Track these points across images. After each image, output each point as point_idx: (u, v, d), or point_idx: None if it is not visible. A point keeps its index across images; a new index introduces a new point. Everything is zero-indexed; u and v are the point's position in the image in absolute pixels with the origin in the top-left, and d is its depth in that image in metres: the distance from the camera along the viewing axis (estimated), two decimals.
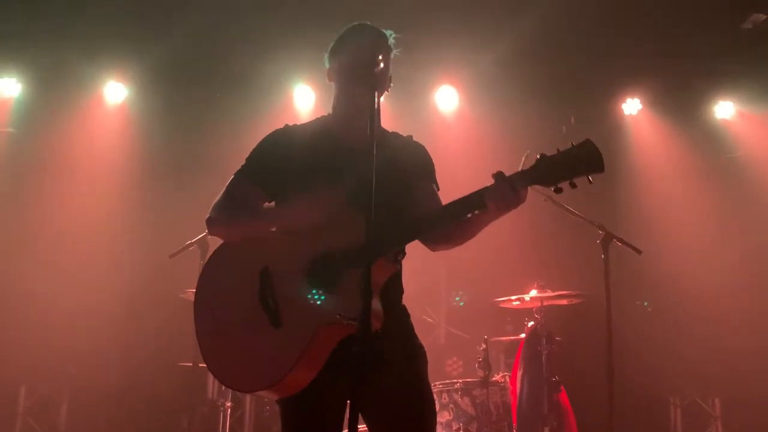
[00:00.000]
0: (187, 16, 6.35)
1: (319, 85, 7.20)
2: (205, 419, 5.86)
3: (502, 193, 2.26)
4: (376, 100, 2.28)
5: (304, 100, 7.30)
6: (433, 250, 2.70)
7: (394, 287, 2.59)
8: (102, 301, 6.53)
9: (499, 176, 2.30)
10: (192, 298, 2.67)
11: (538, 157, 2.28)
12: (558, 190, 2.26)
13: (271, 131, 2.72)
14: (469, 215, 2.38)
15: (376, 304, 2.36)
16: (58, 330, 6.44)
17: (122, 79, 7.19)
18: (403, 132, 2.81)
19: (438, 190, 2.75)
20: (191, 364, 5.35)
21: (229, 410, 5.56)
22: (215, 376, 2.57)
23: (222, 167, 2.85)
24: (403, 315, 2.65)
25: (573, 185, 2.25)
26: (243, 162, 2.70)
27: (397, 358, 2.51)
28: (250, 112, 6.94)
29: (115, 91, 7.22)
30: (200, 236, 5.05)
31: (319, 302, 2.34)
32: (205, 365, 2.56)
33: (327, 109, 2.81)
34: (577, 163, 2.22)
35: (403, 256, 2.48)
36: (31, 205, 6.93)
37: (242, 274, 2.49)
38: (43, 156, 7.04)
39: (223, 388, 5.64)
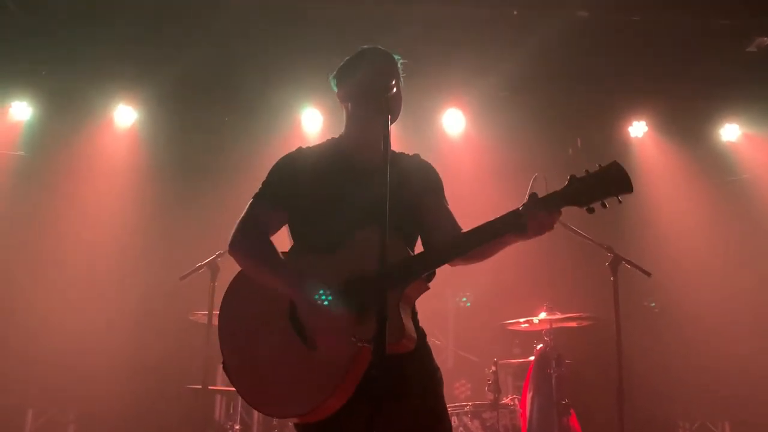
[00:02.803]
0: (196, 39, 6.41)
1: (327, 108, 7.24)
2: None
3: (540, 216, 2.29)
4: (389, 125, 2.30)
5: (312, 123, 7.34)
6: (452, 265, 2.65)
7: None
8: (110, 322, 6.54)
9: (533, 197, 2.31)
10: (202, 320, 2.66)
11: (569, 178, 2.32)
12: (590, 210, 2.30)
13: (283, 155, 2.73)
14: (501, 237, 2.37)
15: (410, 324, 2.37)
16: (66, 352, 6.45)
17: (132, 102, 7.23)
18: (410, 152, 2.83)
19: (448, 205, 2.76)
20: (200, 387, 5.34)
21: None
22: (247, 402, 2.50)
23: (231, 190, 2.86)
24: (421, 336, 2.63)
25: (604, 205, 2.30)
26: (258, 185, 2.70)
27: (419, 379, 2.51)
28: (258, 135, 6.99)
29: (124, 114, 7.26)
30: (211, 258, 5.05)
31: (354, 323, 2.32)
32: (214, 387, 2.52)
33: (335, 131, 2.82)
34: (608, 184, 2.28)
35: (433, 277, 2.49)
36: (40, 227, 6.96)
37: (270, 296, 2.46)
38: (53, 179, 7.09)
39: (231, 410, 5.61)
